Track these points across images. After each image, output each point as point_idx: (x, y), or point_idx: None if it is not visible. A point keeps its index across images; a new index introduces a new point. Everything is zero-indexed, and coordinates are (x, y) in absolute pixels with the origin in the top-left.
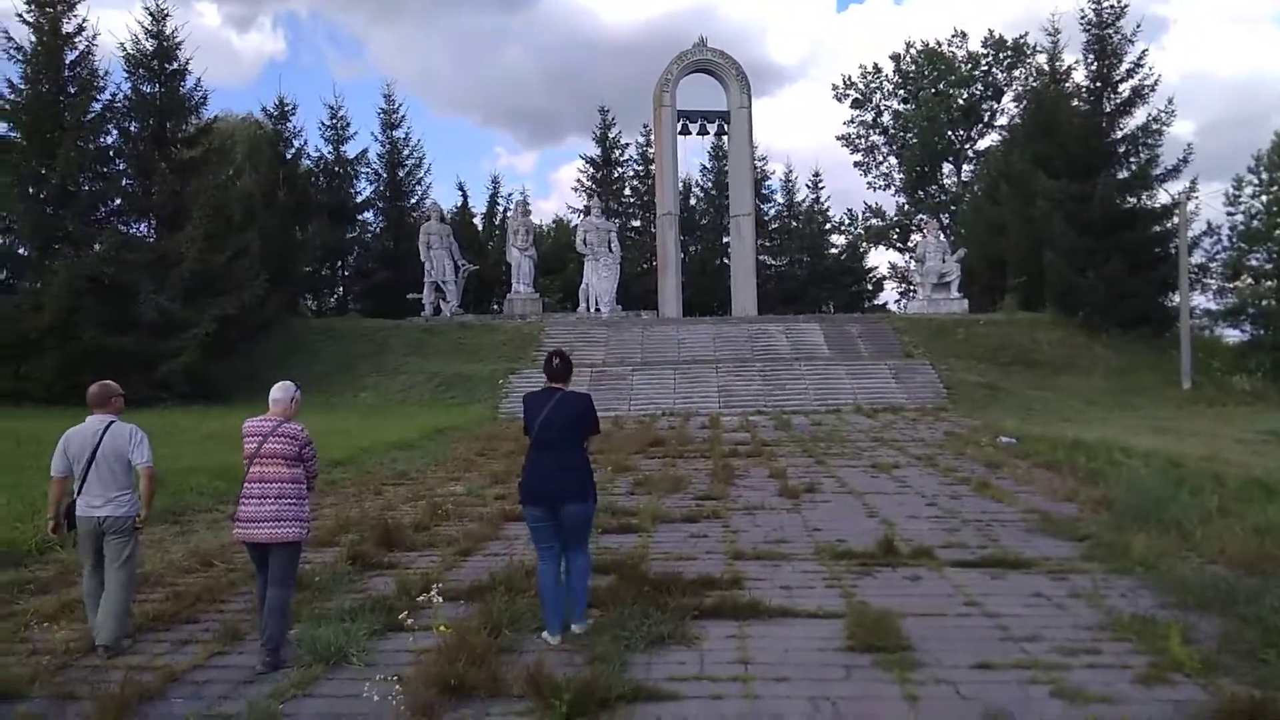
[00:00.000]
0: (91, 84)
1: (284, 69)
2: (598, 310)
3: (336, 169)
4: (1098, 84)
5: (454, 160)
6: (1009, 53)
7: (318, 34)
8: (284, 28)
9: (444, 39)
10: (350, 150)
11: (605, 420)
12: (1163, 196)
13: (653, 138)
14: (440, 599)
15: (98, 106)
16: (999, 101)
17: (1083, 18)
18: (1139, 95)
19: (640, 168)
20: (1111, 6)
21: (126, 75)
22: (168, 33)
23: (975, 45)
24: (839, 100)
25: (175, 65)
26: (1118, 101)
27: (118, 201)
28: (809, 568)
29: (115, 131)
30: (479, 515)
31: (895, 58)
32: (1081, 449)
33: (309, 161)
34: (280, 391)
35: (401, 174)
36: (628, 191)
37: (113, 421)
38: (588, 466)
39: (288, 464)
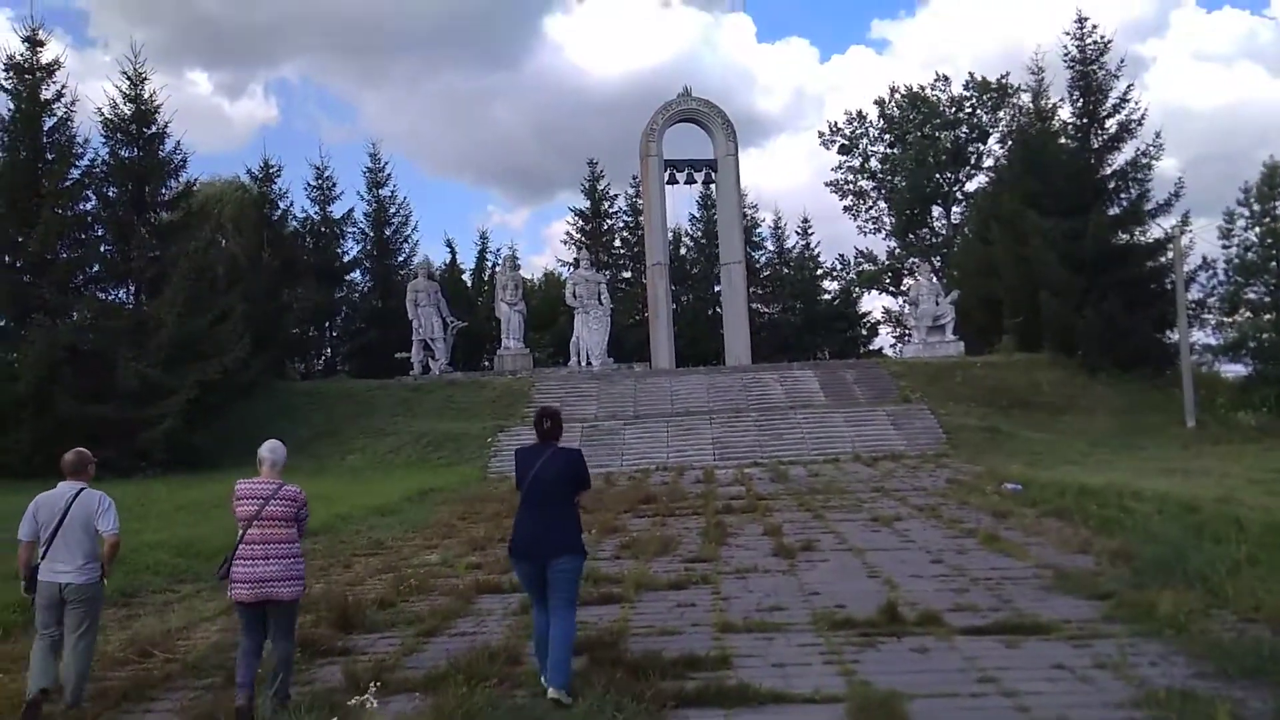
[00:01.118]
0: (69, 150)
1: (276, 134)
2: (589, 363)
3: (323, 229)
4: (1084, 120)
5: (447, 221)
6: (992, 93)
7: (308, 99)
8: (275, 94)
9: (432, 101)
10: (337, 210)
11: (597, 477)
12: (1155, 231)
13: (640, 188)
14: (374, 702)
15: (76, 173)
16: (985, 143)
17: (1066, 54)
18: (1126, 130)
19: (630, 219)
20: (1095, 43)
21: (104, 140)
22: (146, 96)
23: (958, 89)
24: (826, 147)
25: (154, 129)
26: (1105, 137)
27: (96, 268)
28: (805, 640)
29: (94, 197)
30: (451, 588)
31: (880, 103)
32: (1091, 495)
33: (295, 222)
34: (274, 453)
35: (389, 232)
36: (618, 243)
37: (83, 489)
38: (578, 521)
39: (287, 526)
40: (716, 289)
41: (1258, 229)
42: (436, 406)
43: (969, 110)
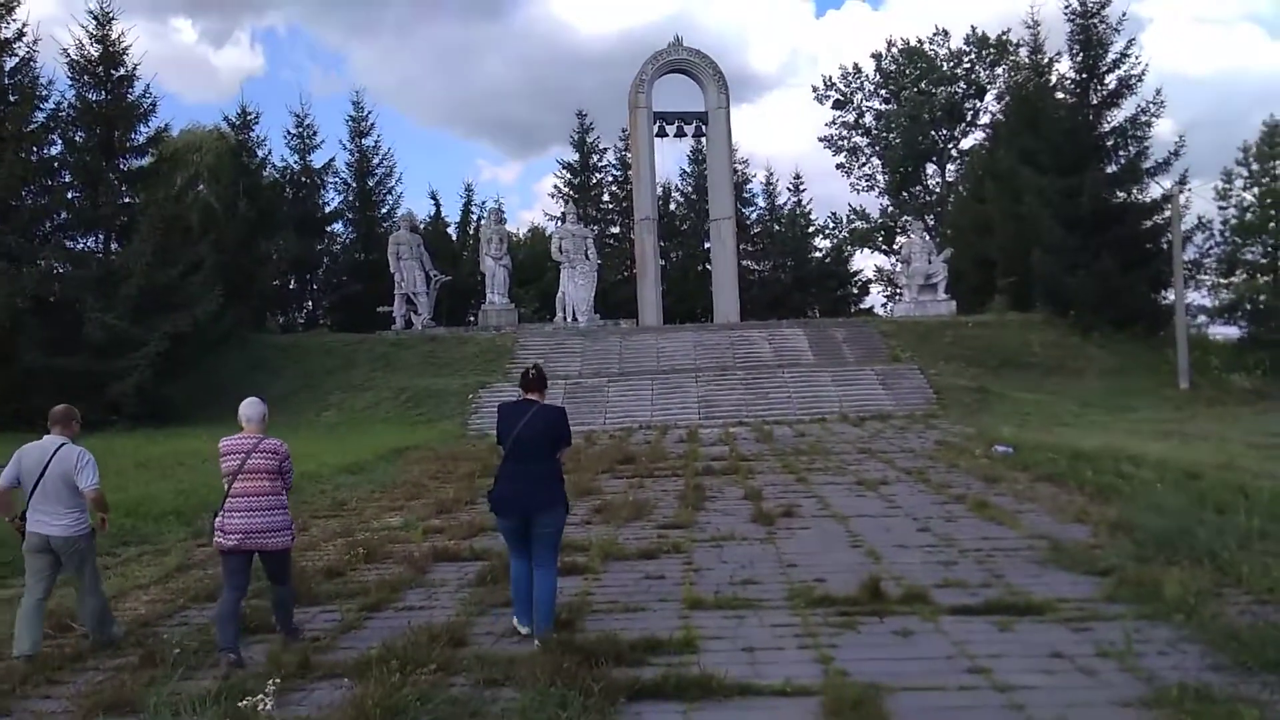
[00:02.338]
0: (33, 92)
1: (262, 84)
2: (575, 320)
3: (303, 179)
4: (1083, 76)
5: (436, 174)
6: (991, 50)
7: (296, 49)
8: (262, 43)
9: (422, 51)
10: (318, 160)
11: (578, 436)
12: (1154, 190)
13: (629, 141)
14: (270, 704)
15: (41, 116)
16: (982, 100)
17: (1066, 7)
18: (1126, 86)
19: (619, 173)
20: None
21: (71, 83)
22: (114, 37)
23: (957, 43)
24: (820, 102)
25: (123, 71)
26: (1104, 93)
27: (64, 215)
28: (779, 620)
29: (60, 142)
30: (407, 555)
31: (876, 57)
32: (1085, 459)
33: (274, 172)
34: (253, 409)
35: (372, 183)
36: (606, 198)
37: (64, 444)
38: (560, 477)
39: (270, 478)
40: (706, 245)
41: (1256, 189)
42: (417, 362)
43: (967, 66)
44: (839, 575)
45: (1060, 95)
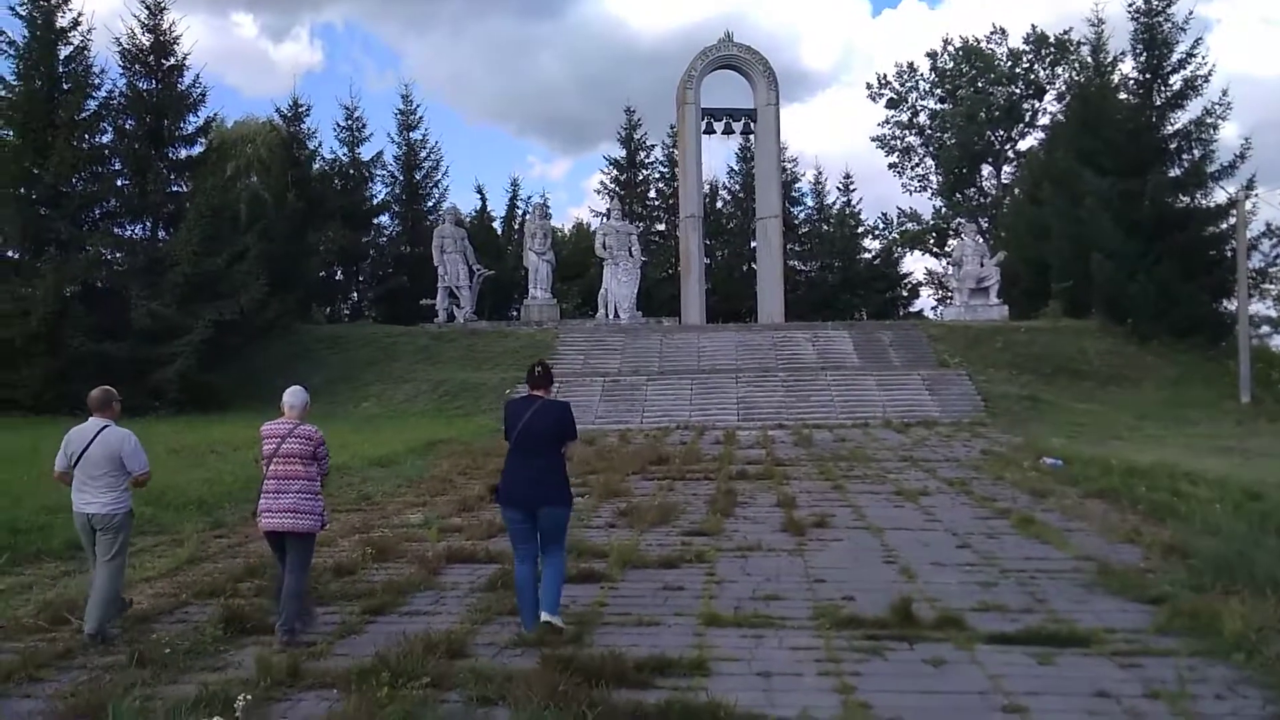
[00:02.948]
0: (86, 81)
1: (321, 80)
2: (617, 316)
3: (351, 171)
4: (1147, 76)
5: (486, 169)
6: (1051, 49)
7: (353, 45)
8: (320, 39)
9: (476, 48)
10: (366, 152)
11: (613, 433)
12: (1218, 195)
13: (676, 137)
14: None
15: (93, 104)
16: (1040, 100)
17: (1131, 6)
18: (1191, 87)
19: (666, 170)
20: None
21: (122, 71)
22: (164, 27)
23: (1016, 42)
24: (874, 100)
25: (173, 60)
26: (1168, 94)
27: (112, 202)
28: (800, 641)
29: (110, 130)
30: (421, 555)
31: (932, 55)
32: (1139, 475)
33: (323, 164)
34: (294, 396)
35: (419, 176)
36: (652, 194)
37: (107, 425)
38: (564, 471)
39: (303, 463)
40: (752, 245)
41: None
42: (457, 355)
43: (1025, 66)
44: (869, 594)
45: (1123, 96)
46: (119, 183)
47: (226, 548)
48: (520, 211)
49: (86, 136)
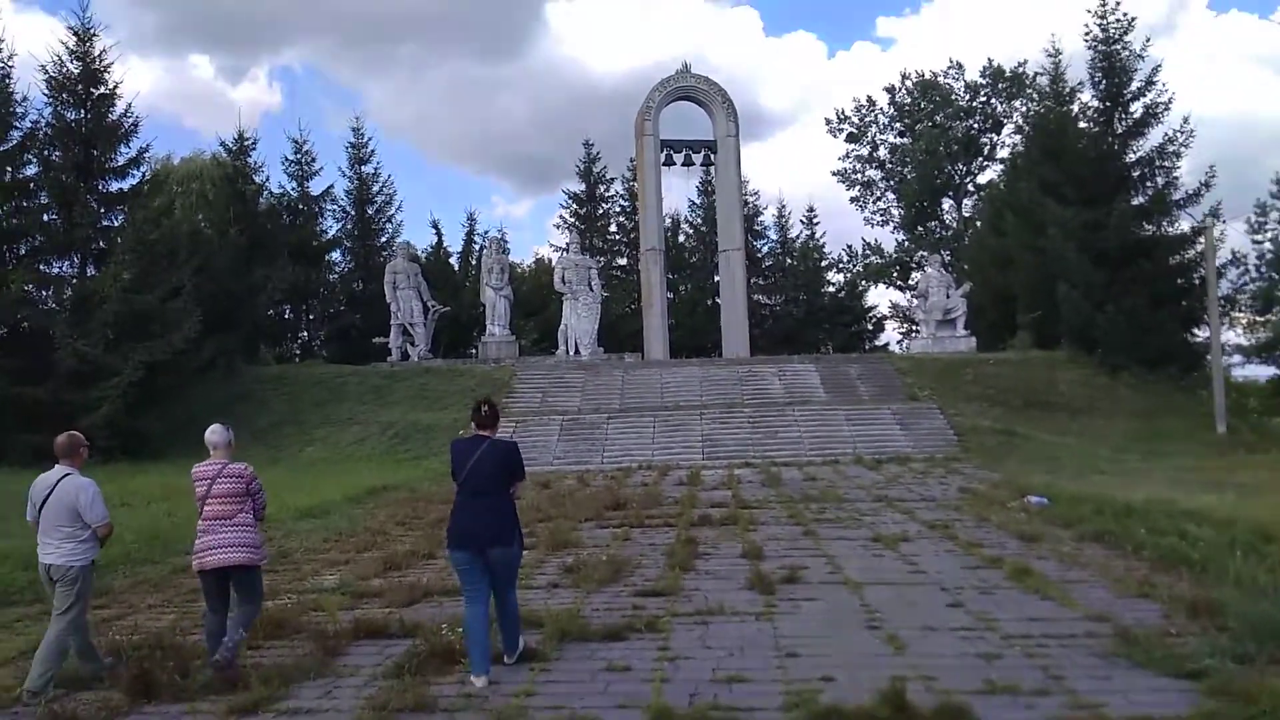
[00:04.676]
0: (7, 109)
1: (280, 120)
2: (577, 353)
3: (301, 206)
4: (1107, 104)
5: (449, 209)
6: (1007, 82)
7: (313, 86)
8: (279, 80)
9: (437, 89)
10: (317, 187)
11: (571, 475)
12: (1183, 223)
13: (636, 169)
14: None
15: (16, 135)
16: (999, 134)
17: (1088, 34)
18: (1152, 114)
19: (626, 203)
20: (1118, 21)
21: (48, 101)
22: (95, 54)
23: (973, 76)
24: (834, 134)
25: (103, 89)
26: (1129, 122)
27: (38, 238)
28: None
29: (35, 161)
30: (325, 629)
31: (890, 90)
32: (1136, 514)
33: (270, 198)
34: (216, 435)
35: (371, 211)
36: (613, 228)
37: (69, 474)
38: (514, 512)
39: (237, 501)
40: (716, 278)
41: None
42: (409, 395)
43: (982, 100)
44: (852, 672)
45: (1083, 125)
46: (45, 217)
47: (103, 621)
48: (477, 247)
49: (9, 169)
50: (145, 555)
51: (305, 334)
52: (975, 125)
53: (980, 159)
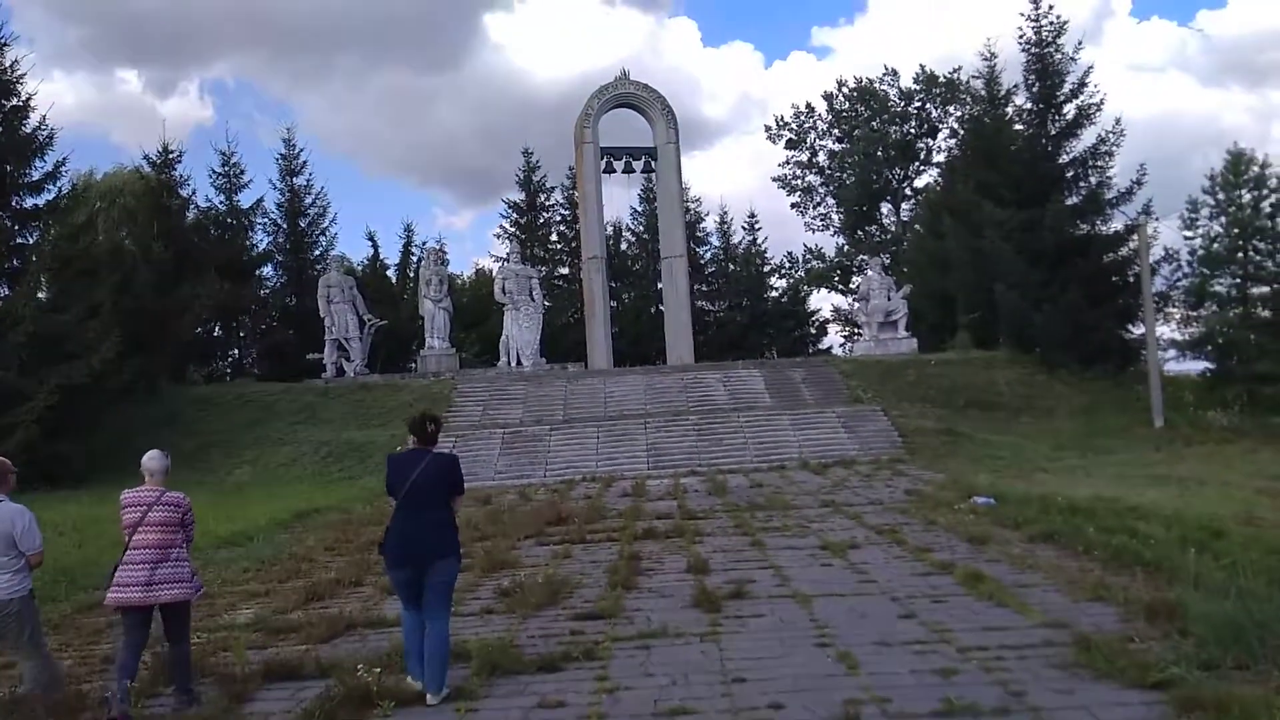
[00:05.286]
0: None
1: (212, 134)
2: (519, 364)
3: (229, 220)
4: (1040, 106)
5: (388, 222)
6: (941, 88)
7: (245, 100)
8: (211, 94)
9: (373, 102)
10: (246, 200)
11: (513, 490)
12: (1117, 221)
13: (576, 178)
14: None
15: None
16: (934, 139)
17: (1021, 37)
18: (1085, 115)
19: (567, 212)
20: (1051, 24)
21: None
22: (5, 64)
23: (907, 82)
24: (773, 141)
25: (15, 101)
26: (1063, 124)
27: None
28: None
29: None
30: (236, 672)
31: (828, 96)
32: (1083, 513)
33: (197, 212)
34: (154, 461)
35: (304, 224)
36: (554, 238)
37: (0, 501)
38: (454, 525)
39: (172, 531)
40: (659, 286)
41: (1223, 218)
42: (344, 412)
43: (918, 104)
44: (802, 695)
45: (1018, 127)
46: None
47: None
48: (415, 258)
49: None
50: (49, 593)
51: (236, 352)
52: (911, 130)
53: (917, 163)
